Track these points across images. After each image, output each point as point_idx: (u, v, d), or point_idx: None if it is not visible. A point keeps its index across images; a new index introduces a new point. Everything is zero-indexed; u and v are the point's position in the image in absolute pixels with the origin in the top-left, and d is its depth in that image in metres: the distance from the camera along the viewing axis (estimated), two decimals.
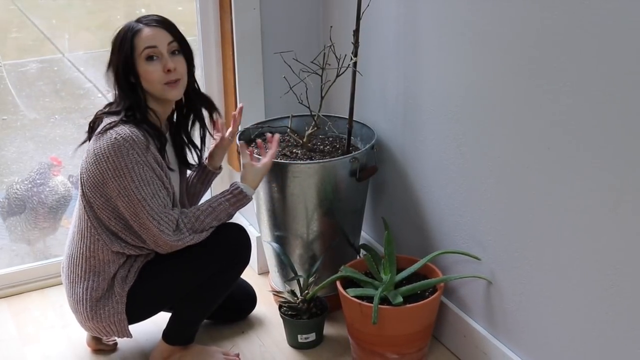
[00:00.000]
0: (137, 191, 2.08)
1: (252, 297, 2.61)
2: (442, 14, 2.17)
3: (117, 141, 2.07)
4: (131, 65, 2.14)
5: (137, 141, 2.08)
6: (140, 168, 2.08)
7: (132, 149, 2.07)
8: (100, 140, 2.10)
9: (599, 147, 1.73)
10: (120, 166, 2.07)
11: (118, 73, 2.16)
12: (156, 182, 2.11)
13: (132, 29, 2.14)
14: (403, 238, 2.54)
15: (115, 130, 2.09)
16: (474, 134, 2.14)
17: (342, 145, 2.57)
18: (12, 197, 3.03)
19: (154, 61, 2.14)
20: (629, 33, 1.60)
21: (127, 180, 2.07)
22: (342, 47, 2.48)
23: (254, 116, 2.76)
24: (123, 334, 2.24)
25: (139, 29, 2.14)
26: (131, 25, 2.16)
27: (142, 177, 2.09)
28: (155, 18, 2.17)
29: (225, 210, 2.22)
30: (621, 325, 1.77)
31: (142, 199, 2.08)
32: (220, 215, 2.22)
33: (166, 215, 2.12)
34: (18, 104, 4.65)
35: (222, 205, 2.22)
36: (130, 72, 2.15)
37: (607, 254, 1.77)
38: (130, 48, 2.13)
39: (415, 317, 2.25)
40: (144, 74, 2.14)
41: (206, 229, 2.19)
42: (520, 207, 2.02)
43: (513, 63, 1.94)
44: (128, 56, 2.13)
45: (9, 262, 3.06)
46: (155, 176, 2.11)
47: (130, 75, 2.15)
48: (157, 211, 2.10)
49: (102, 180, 2.10)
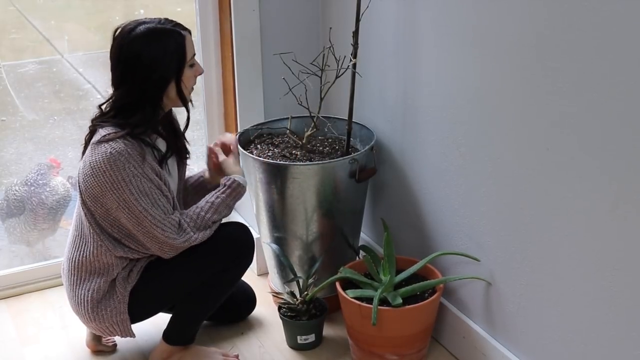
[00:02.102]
0: (137, 203, 2.08)
1: (252, 298, 2.61)
2: (442, 16, 2.17)
3: (112, 155, 2.06)
4: (181, 73, 2.12)
5: (132, 154, 2.07)
6: (137, 180, 2.08)
7: (127, 162, 2.06)
8: (96, 152, 2.08)
9: (598, 148, 1.74)
10: (117, 180, 2.06)
11: (160, 81, 2.10)
12: (155, 192, 2.11)
13: (178, 34, 2.11)
14: (402, 239, 2.55)
15: (110, 145, 2.07)
16: (473, 135, 2.14)
17: (341, 147, 2.57)
18: (11, 199, 3.03)
19: (192, 68, 2.16)
20: (629, 35, 1.60)
21: (125, 194, 2.07)
22: (341, 48, 2.48)
23: (253, 117, 2.76)
24: (126, 334, 2.24)
25: (185, 35, 2.12)
26: (170, 30, 2.10)
27: (140, 189, 2.09)
28: (179, 23, 2.15)
29: (224, 202, 2.22)
30: (620, 326, 1.77)
31: (143, 210, 2.09)
32: (220, 209, 2.21)
33: (168, 220, 2.13)
34: (17, 105, 4.65)
35: (220, 199, 2.22)
36: (175, 80, 2.11)
37: (606, 255, 1.77)
38: (184, 55, 2.11)
39: (415, 318, 2.25)
40: (186, 81, 2.14)
41: (209, 225, 2.19)
42: (519, 208, 2.02)
43: (512, 64, 1.95)
44: (182, 63, 2.11)
45: (9, 263, 3.06)
46: (153, 186, 2.11)
47: (169, 85, 2.11)
48: (160, 219, 2.11)
49: (101, 193, 2.09)
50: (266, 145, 2.60)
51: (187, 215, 2.18)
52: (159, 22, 2.11)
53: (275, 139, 2.65)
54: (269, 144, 2.61)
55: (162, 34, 2.09)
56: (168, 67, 2.10)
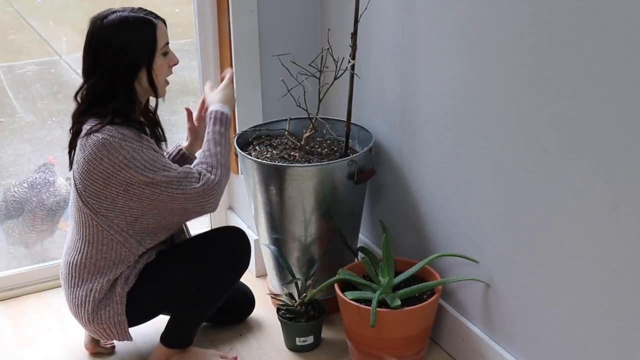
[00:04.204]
0: (146, 172, 2.04)
1: (251, 300, 2.61)
2: (440, 17, 2.17)
3: (105, 141, 2.04)
4: (151, 61, 2.11)
5: (125, 134, 2.06)
6: (139, 153, 2.05)
7: (123, 141, 2.05)
8: (87, 145, 2.06)
9: (596, 149, 1.73)
10: (119, 160, 2.04)
11: (130, 69, 2.09)
12: (160, 157, 2.09)
13: (150, 22, 2.10)
14: (401, 241, 2.54)
15: (100, 132, 2.05)
16: (471, 136, 2.14)
17: (340, 148, 2.57)
18: (9, 200, 3.03)
19: (166, 57, 2.15)
20: (626, 36, 1.60)
21: (132, 169, 2.04)
22: (340, 49, 2.48)
23: (252, 119, 2.76)
24: (123, 337, 2.23)
25: (157, 23, 2.11)
26: (141, 17, 2.10)
27: (146, 159, 2.06)
28: (152, 11, 2.14)
29: (218, 133, 2.19)
30: (619, 327, 1.77)
31: (153, 176, 2.05)
32: (218, 139, 2.18)
33: (182, 174, 2.08)
34: (15, 107, 4.64)
35: (213, 132, 2.19)
36: (145, 68, 2.11)
37: (605, 256, 1.77)
38: (155, 42, 2.10)
39: (413, 320, 2.25)
40: (157, 69, 2.13)
41: (220, 160, 2.15)
42: (518, 209, 2.02)
43: (510, 66, 1.94)
44: (152, 51, 2.10)
45: (7, 264, 3.05)
46: (156, 153, 2.09)
47: (139, 72, 2.11)
48: (173, 176, 2.07)
49: (106, 181, 2.07)
50: (264, 146, 2.60)
51: (195, 163, 2.16)
52: (131, 11, 2.11)
53: (274, 140, 2.65)
54: (268, 145, 2.61)
55: (133, 22, 2.09)
56: (138, 54, 2.09)
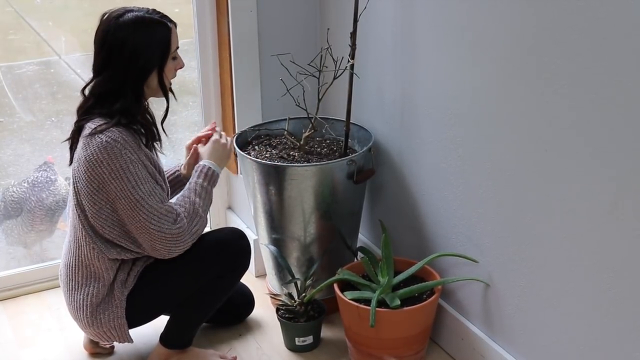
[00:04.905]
0: (134, 191, 2.06)
1: (250, 300, 2.61)
2: (440, 17, 2.17)
3: (109, 144, 2.05)
4: (163, 64, 2.12)
5: (128, 141, 2.07)
6: (135, 167, 2.07)
7: (124, 148, 2.06)
8: (91, 145, 2.07)
9: (596, 149, 1.73)
10: (116, 167, 2.05)
11: (142, 70, 2.10)
12: (150, 180, 2.10)
13: (165, 25, 2.12)
14: (400, 241, 2.54)
15: (105, 134, 2.06)
16: (471, 136, 2.14)
17: (339, 148, 2.56)
18: (8, 200, 3.02)
19: (174, 61, 2.17)
20: (626, 36, 1.60)
21: (124, 182, 2.06)
22: (339, 49, 2.48)
23: (251, 119, 2.76)
24: (123, 339, 2.23)
25: (171, 27, 2.13)
26: (157, 20, 2.11)
27: (139, 176, 2.07)
28: (166, 14, 2.15)
29: (201, 187, 2.19)
30: (619, 327, 1.77)
31: (140, 199, 2.07)
32: (202, 194, 2.18)
33: (165, 208, 2.10)
34: (14, 107, 4.64)
35: (197, 184, 2.19)
36: (157, 70, 2.12)
37: (605, 256, 1.77)
38: (169, 46, 2.12)
39: (413, 320, 2.24)
40: (167, 72, 2.15)
41: (197, 211, 2.15)
42: (517, 209, 2.01)
43: (510, 66, 1.94)
44: (166, 54, 2.12)
45: (6, 265, 3.05)
46: (148, 174, 2.11)
47: (151, 74, 2.12)
48: (156, 208, 2.08)
49: (100, 185, 2.08)
50: (264, 146, 2.60)
51: (177, 202, 2.16)
52: (147, 12, 2.12)
53: (273, 140, 2.64)
54: (267, 145, 2.61)
55: (150, 23, 2.10)
56: (152, 57, 2.10)
